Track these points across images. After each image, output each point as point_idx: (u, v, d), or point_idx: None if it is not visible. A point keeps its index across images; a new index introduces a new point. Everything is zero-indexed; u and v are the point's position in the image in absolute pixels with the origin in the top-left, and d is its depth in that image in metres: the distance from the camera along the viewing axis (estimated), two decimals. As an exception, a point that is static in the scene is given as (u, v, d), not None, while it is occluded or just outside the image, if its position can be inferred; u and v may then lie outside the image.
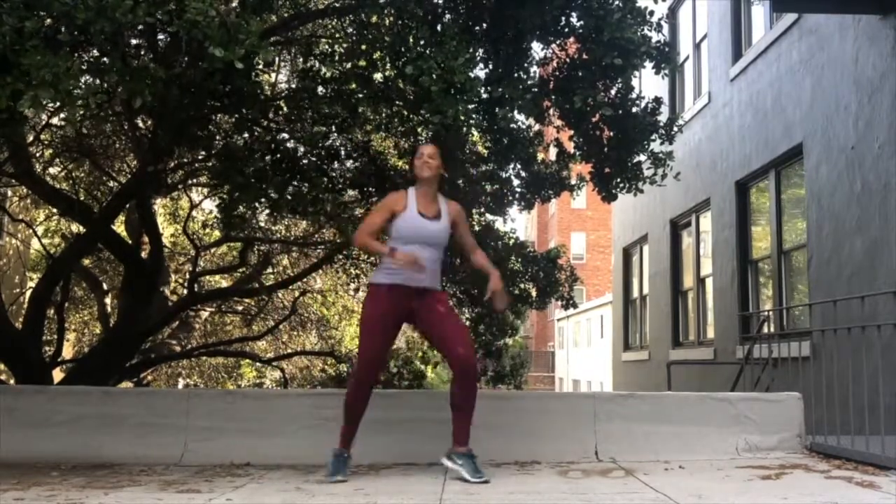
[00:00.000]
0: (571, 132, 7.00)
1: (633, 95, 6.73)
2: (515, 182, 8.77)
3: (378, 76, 6.61)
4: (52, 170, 10.43)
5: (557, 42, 6.74)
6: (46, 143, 9.45)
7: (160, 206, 12.91)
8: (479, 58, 6.16)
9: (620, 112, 6.51)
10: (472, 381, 4.25)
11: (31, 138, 8.60)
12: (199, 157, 9.02)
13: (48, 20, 4.19)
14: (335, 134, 7.56)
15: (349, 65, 6.71)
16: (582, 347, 37.77)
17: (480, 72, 6.27)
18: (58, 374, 10.91)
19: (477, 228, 9.63)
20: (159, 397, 5.35)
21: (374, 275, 4.36)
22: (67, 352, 13.66)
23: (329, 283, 14.93)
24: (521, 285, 9.68)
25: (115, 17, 4.07)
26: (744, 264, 9.61)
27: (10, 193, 11.48)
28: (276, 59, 8.22)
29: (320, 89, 6.70)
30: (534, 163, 8.38)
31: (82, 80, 4.38)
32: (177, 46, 4.52)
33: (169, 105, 5.26)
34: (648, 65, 6.43)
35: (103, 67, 4.45)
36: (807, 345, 6.56)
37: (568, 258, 10.49)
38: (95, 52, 4.87)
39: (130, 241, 10.33)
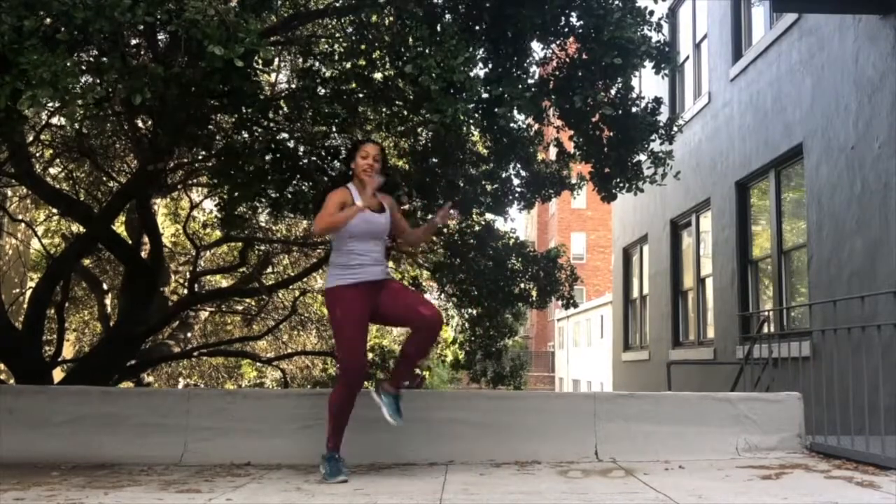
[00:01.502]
0: (571, 132, 6.99)
1: (633, 95, 6.72)
2: (515, 182, 8.77)
3: (378, 76, 6.61)
4: (52, 170, 10.42)
5: (557, 42, 6.74)
6: (46, 143, 9.45)
7: (160, 206, 12.90)
8: (478, 57, 6.15)
9: (620, 112, 6.50)
10: (435, 335, 4.39)
11: (30, 138, 8.59)
12: (199, 157, 9.01)
13: (47, 19, 4.19)
14: (335, 133, 7.55)
15: (349, 64, 6.71)
16: (582, 347, 37.76)
17: (480, 71, 6.26)
18: (58, 374, 10.90)
19: (477, 228, 9.63)
20: (159, 397, 5.35)
21: (330, 279, 4.33)
22: (67, 352, 13.65)
23: (329, 283, 14.89)
24: (522, 285, 9.68)
25: (113, 17, 4.07)
26: (744, 264, 9.61)
27: (10, 193, 11.46)
28: (277, 59, 8.21)
29: (320, 89, 6.70)
30: (534, 162, 8.38)
31: (82, 80, 4.38)
32: (176, 46, 4.52)
33: (168, 104, 5.25)
34: (648, 65, 6.42)
35: (102, 67, 4.45)
36: (807, 345, 6.55)
37: (568, 258, 10.48)
38: (94, 52, 4.87)
39: (130, 241, 10.32)
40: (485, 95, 5.80)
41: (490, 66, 6.38)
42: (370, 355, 16.10)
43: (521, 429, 4.80)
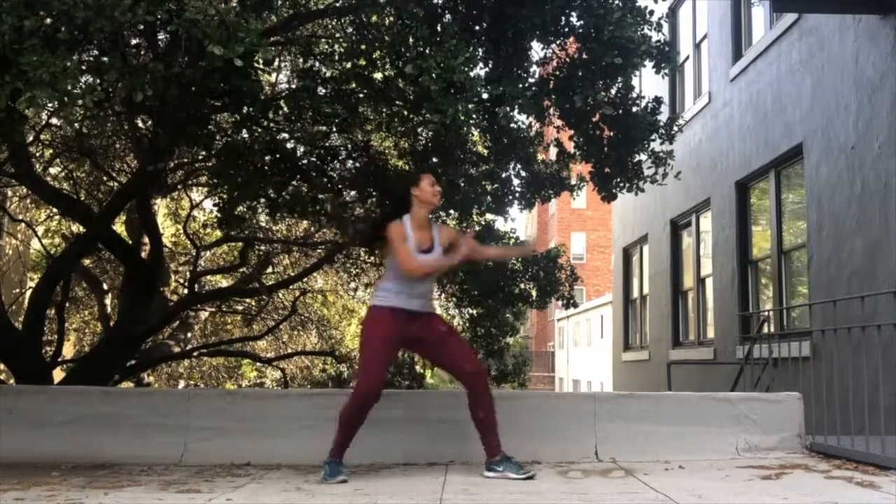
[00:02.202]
0: (571, 132, 6.99)
1: (634, 95, 6.72)
2: (515, 182, 8.77)
3: (378, 76, 6.61)
4: (52, 170, 10.42)
5: (557, 41, 6.74)
6: (46, 143, 9.45)
7: (160, 206, 12.91)
8: (478, 57, 6.16)
9: (620, 111, 6.50)
10: (486, 391, 4.34)
11: (30, 138, 8.59)
12: (199, 157, 9.02)
13: (47, 19, 4.19)
14: (335, 134, 7.55)
15: (349, 64, 6.71)
16: (582, 347, 37.76)
17: (480, 71, 6.27)
18: (58, 374, 10.90)
19: (477, 228, 9.63)
20: (159, 397, 5.35)
21: (375, 298, 4.39)
22: (67, 352, 13.65)
23: (329, 283, 14.93)
24: (522, 285, 9.68)
25: (114, 16, 4.07)
26: (744, 264, 9.61)
27: (10, 193, 11.46)
28: (277, 59, 8.21)
29: (320, 89, 6.70)
30: (534, 162, 8.38)
31: (82, 80, 4.38)
32: (176, 45, 4.52)
33: (168, 104, 5.25)
34: (648, 64, 6.42)
35: (103, 66, 4.45)
36: (807, 345, 6.55)
37: (568, 258, 10.48)
38: (95, 52, 4.87)
39: (130, 241, 10.32)
40: (485, 95, 5.80)
41: (490, 65, 6.38)
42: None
43: (521, 429, 4.80)
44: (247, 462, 4.73)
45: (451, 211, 9.03)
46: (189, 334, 13.91)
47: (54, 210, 11.01)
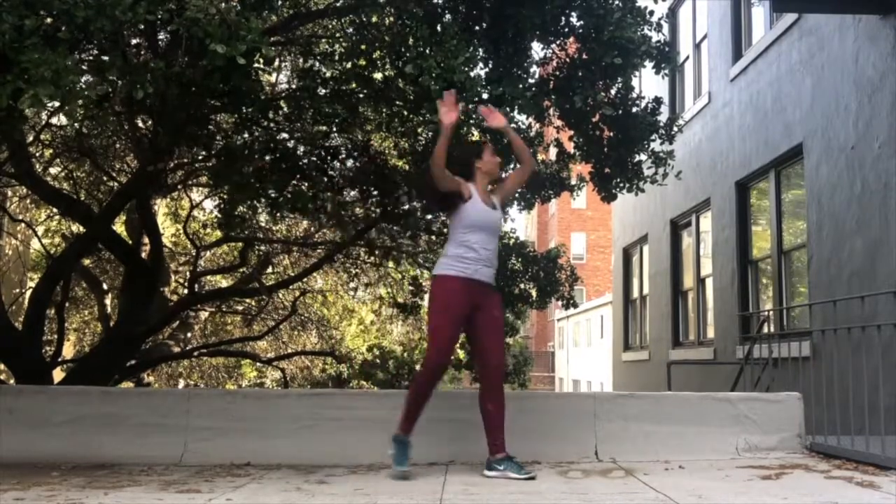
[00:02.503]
0: (571, 132, 6.99)
1: (634, 95, 6.73)
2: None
3: (378, 76, 6.61)
4: (52, 170, 10.41)
5: (557, 42, 6.74)
6: (46, 142, 9.45)
7: (160, 206, 12.90)
8: (478, 57, 6.16)
9: (620, 112, 6.51)
10: (502, 387, 4.40)
11: (30, 138, 8.59)
12: (199, 157, 9.01)
13: (48, 18, 4.19)
14: (335, 133, 7.55)
15: (349, 64, 6.71)
16: (582, 347, 37.76)
17: (480, 71, 6.26)
18: (58, 374, 10.90)
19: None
20: (159, 397, 5.34)
21: (441, 265, 4.36)
22: (68, 352, 13.65)
23: (329, 283, 14.93)
24: (522, 285, 9.68)
25: (114, 15, 4.07)
26: (744, 264, 9.61)
27: (10, 193, 11.46)
28: (277, 59, 8.21)
29: (320, 89, 6.70)
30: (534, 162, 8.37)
31: (82, 78, 4.38)
32: (177, 44, 4.52)
33: (169, 104, 5.25)
34: (648, 64, 6.42)
35: (103, 65, 4.45)
36: (807, 345, 6.55)
37: (568, 258, 10.48)
38: (95, 51, 4.87)
39: (130, 241, 10.32)
40: (485, 95, 5.80)
41: (490, 66, 6.38)
42: (370, 355, 16.13)
43: (521, 429, 4.79)
44: (247, 462, 4.73)
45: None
46: (189, 334, 13.91)
47: (54, 210, 11.01)
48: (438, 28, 5.79)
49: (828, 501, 3.48)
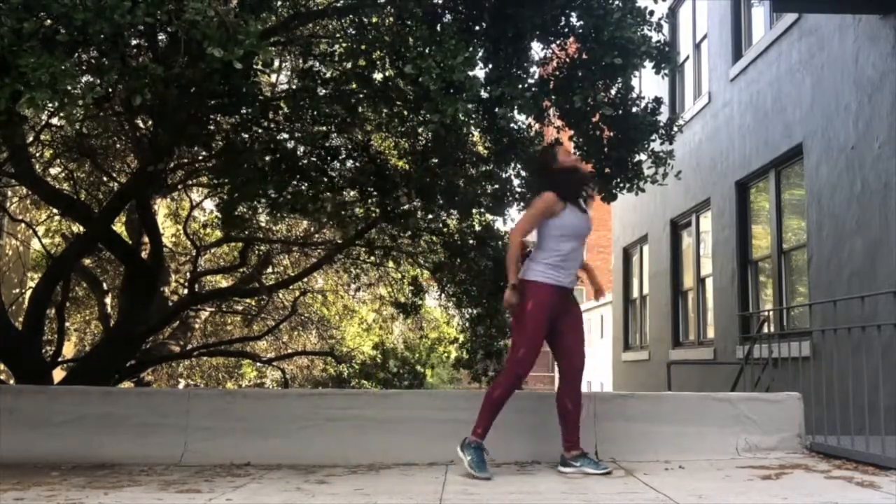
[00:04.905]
0: (571, 132, 6.98)
1: (633, 95, 6.72)
2: (515, 182, 8.77)
3: (378, 76, 6.61)
4: (52, 170, 10.42)
5: (557, 42, 6.73)
6: (46, 143, 9.45)
7: (160, 206, 12.90)
8: (478, 57, 6.15)
9: (620, 112, 6.50)
10: (580, 387, 4.49)
11: (30, 138, 8.59)
12: (200, 157, 9.01)
13: (47, 21, 4.18)
14: (335, 134, 7.55)
15: (349, 65, 6.70)
16: (582, 347, 37.67)
17: (480, 71, 6.25)
18: (58, 374, 10.90)
19: (477, 228, 9.63)
20: (159, 397, 5.35)
21: (534, 272, 4.40)
22: (68, 352, 13.65)
23: (329, 283, 14.93)
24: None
25: (113, 18, 4.07)
26: (744, 264, 9.61)
27: (10, 193, 11.46)
28: (277, 60, 8.21)
29: (320, 89, 6.69)
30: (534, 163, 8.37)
31: (82, 80, 4.37)
32: (176, 47, 4.52)
33: (168, 105, 5.25)
34: (648, 64, 6.41)
35: (102, 68, 4.45)
36: (807, 345, 6.55)
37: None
38: (94, 53, 4.86)
39: (130, 241, 10.33)
40: (485, 95, 5.80)
41: (490, 66, 6.38)
42: (372, 353, 16.14)
43: (521, 429, 4.80)
44: (247, 462, 4.73)
45: (452, 211, 9.03)
46: (189, 334, 13.91)
47: (54, 210, 11.01)
48: (438, 28, 5.79)
49: (828, 501, 3.48)
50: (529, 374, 4.55)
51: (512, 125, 6.71)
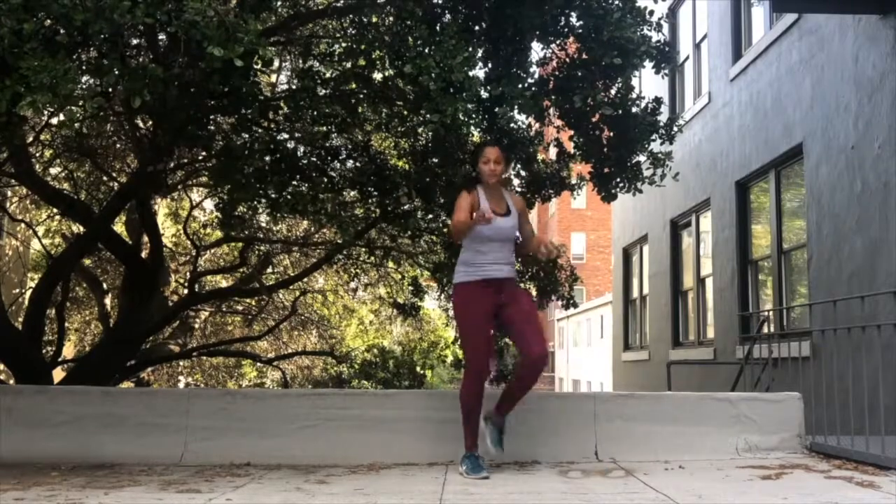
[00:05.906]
0: (571, 132, 6.99)
1: (633, 95, 6.72)
2: (515, 182, 8.76)
3: (378, 76, 6.61)
4: (52, 170, 10.42)
5: (557, 42, 6.73)
6: (46, 143, 9.45)
7: (160, 206, 12.91)
8: (478, 57, 6.15)
9: (620, 112, 6.50)
10: (537, 375, 4.44)
11: (31, 139, 8.59)
12: (199, 157, 9.01)
13: (47, 21, 4.18)
14: (335, 134, 7.54)
15: (349, 64, 6.70)
16: (582, 347, 37.77)
17: (480, 71, 6.26)
18: (58, 374, 10.91)
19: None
20: (159, 397, 5.35)
21: (456, 275, 4.47)
22: (68, 352, 13.66)
23: (329, 283, 14.94)
24: (521, 285, 9.67)
25: (113, 19, 4.07)
26: (744, 264, 9.61)
27: (10, 193, 11.47)
28: (277, 59, 8.21)
29: (320, 89, 6.69)
30: (534, 162, 8.37)
31: (82, 81, 4.37)
32: (176, 46, 4.52)
33: (168, 105, 5.24)
34: (648, 64, 6.42)
35: (102, 68, 4.45)
36: (807, 345, 6.55)
37: (568, 258, 10.47)
38: (94, 53, 4.86)
39: (130, 241, 10.32)
40: (485, 95, 5.80)
41: (490, 66, 6.38)
42: (368, 355, 16.14)
43: (521, 429, 4.80)
44: (247, 462, 4.73)
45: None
46: (189, 334, 13.91)
47: (54, 210, 11.02)
48: (438, 28, 5.79)
49: (828, 501, 3.48)
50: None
51: (512, 125, 6.70)
